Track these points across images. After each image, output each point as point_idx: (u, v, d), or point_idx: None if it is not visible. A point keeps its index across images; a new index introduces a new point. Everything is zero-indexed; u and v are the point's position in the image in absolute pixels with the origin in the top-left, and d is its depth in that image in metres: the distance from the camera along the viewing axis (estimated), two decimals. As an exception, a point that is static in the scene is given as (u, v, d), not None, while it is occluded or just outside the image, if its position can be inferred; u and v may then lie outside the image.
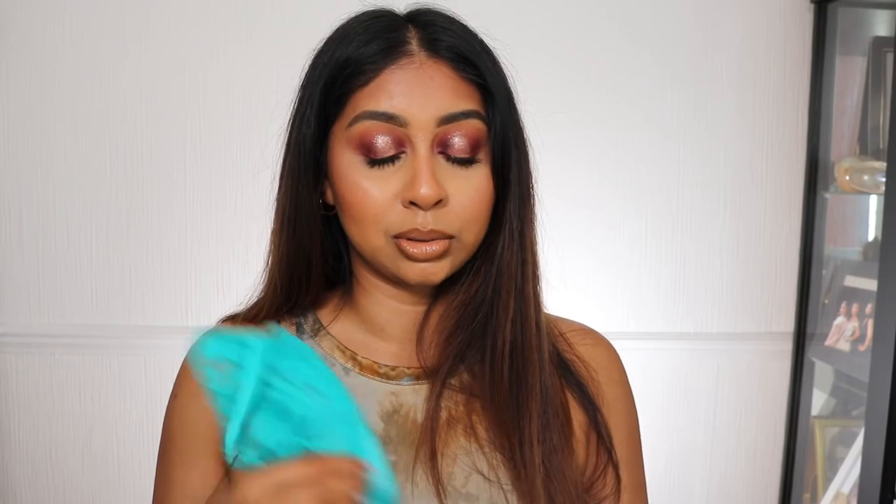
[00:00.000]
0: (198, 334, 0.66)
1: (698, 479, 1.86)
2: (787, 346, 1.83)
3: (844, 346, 1.66)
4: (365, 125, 0.66)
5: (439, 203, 0.66)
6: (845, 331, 1.68)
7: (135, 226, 1.74)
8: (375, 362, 0.74)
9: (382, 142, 0.66)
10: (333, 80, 0.68)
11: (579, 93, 1.76)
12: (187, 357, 0.77)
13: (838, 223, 1.88)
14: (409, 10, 0.71)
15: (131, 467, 1.76)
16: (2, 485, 1.78)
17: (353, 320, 0.76)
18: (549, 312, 0.78)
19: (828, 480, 1.73)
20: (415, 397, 0.72)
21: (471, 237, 0.69)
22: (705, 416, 1.85)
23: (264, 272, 0.75)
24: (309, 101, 0.70)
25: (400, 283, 0.71)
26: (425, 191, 0.64)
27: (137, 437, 1.76)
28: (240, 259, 1.73)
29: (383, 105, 0.65)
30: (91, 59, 1.70)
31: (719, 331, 1.84)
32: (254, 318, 0.75)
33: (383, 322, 0.75)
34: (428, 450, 0.69)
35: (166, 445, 0.75)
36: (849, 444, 1.69)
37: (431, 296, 0.74)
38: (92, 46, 1.70)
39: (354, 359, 0.74)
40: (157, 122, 1.72)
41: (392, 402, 0.72)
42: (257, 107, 1.72)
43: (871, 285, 1.58)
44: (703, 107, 1.79)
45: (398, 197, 0.66)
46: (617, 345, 0.82)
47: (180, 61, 1.71)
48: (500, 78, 0.70)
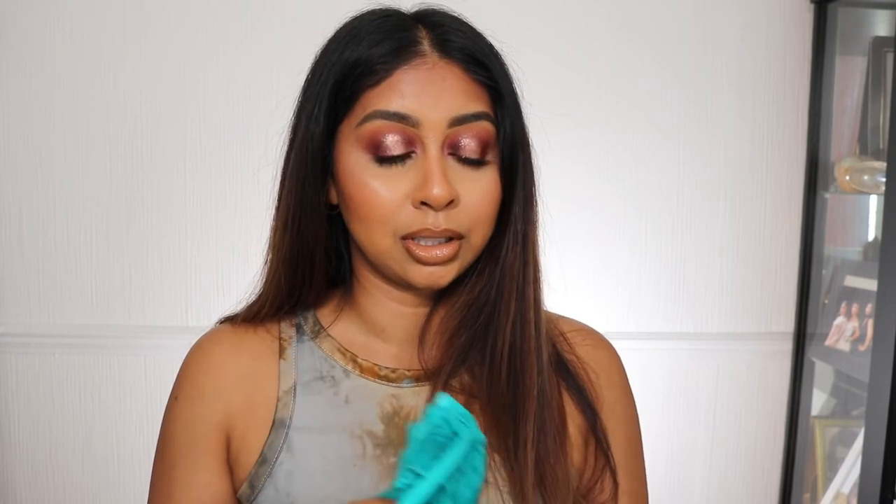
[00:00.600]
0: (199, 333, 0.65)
1: (698, 479, 1.86)
2: (787, 346, 1.83)
3: (844, 346, 1.66)
4: (376, 124, 0.65)
5: (451, 204, 0.66)
6: (845, 331, 1.68)
7: (135, 226, 1.74)
8: (376, 364, 0.74)
9: (393, 141, 0.65)
10: (344, 79, 0.67)
11: (579, 93, 1.76)
12: (186, 358, 0.77)
13: (838, 223, 1.88)
14: (416, 9, 0.71)
15: (131, 467, 1.77)
16: (2, 485, 1.78)
17: (353, 321, 0.75)
18: (550, 311, 0.78)
19: (828, 480, 1.73)
20: (415, 399, 0.72)
21: (478, 238, 0.69)
22: (705, 416, 1.85)
23: (264, 269, 0.75)
24: (317, 100, 0.69)
25: (403, 285, 0.71)
26: (438, 191, 0.64)
27: (137, 437, 1.76)
28: (240, 259, 1.73)
29: (395, 105, 0.65)
30: (91, 59, 1.70)
31: (719, 331, 1.84)
32: (254, 318, 0.75)
33: (384, 324, 0.74)
34: None
35: (167, 447, 0.74)
36: (849, 444, 1.69)
37: (433, 298, 0.74)
38: (92, 46, 1.70)
39: (355, 361, 0.74)
40: (157, 122, 1.72)
41: (392, 405, 0.72)
42: (257, 107, 1.72)
43: (871, 285, 1.58)
44: (703, 107, 1.79)
45: (408, 197, 0.66)
46: (617, 345, 0.82)
47: (180, 61, 1.71)
48: (509, 80, 0.70)
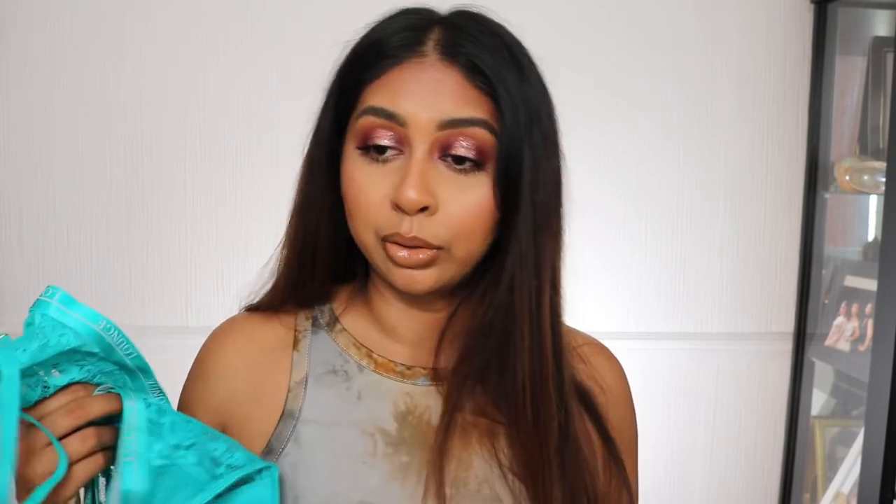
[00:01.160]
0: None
1: (698, 479, 1.86)
2: (787, 346, 1.83)
3: (844, 346, 1.66)
4: (367, 120, 0.65)
5: (426, 210, 0.64)
6: (845, 331, 1.68)
7: (135, 226, 1.74)
8: (391, 361, 0.73)
9: (381, 139, 0.65)
10: (348, 72, 0.68)
11: (579, 93, 1.76)
12: (204, 343, 0.77)
13: (838, 223, 1.88)
14: (450, 10, 0.70)
15: (131, 467, 1.77)
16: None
17: (366, 318, 0.75)
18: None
19: (828, 480, 1.73)
20: (428, 399, 0.71)
21: (461, 250, 0.66)
22: (705, 416, 1.85)
23: (277, 262, 0.75)
24: (331, 92, 0.70)
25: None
26: (410, 194, 0.63)
27: (137, 437, 1.76)
28: (240, 259, 1.73)
29: (385, 102, 0.65)
30: (91, 59, 1.70)
31: (719, 331, 1.84)
32: (267, 308, 0.76)
33: (394, 323, 0.74)
34: (437, 454, 0.68)
35: None
36: (849, 444, 1.69)
37: (444, 300, 0.73)
38: (92, 46, 1.70)
39: (370, 356, 0.73)
40: (157, 122, 1.72)
41: (406, 403, 0.71)
42: (257, 107, 1.72)
43: (871, 285, 1.58)
44: (703, 107, 1.79)
45: (387, 198, 0.65)
46: (617, 345, 0.82)
47: (180, 61, 1.71)
48: (522, 94, 0.66)
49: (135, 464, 0.59)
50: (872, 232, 1.85)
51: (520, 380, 0.68)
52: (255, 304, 0.77)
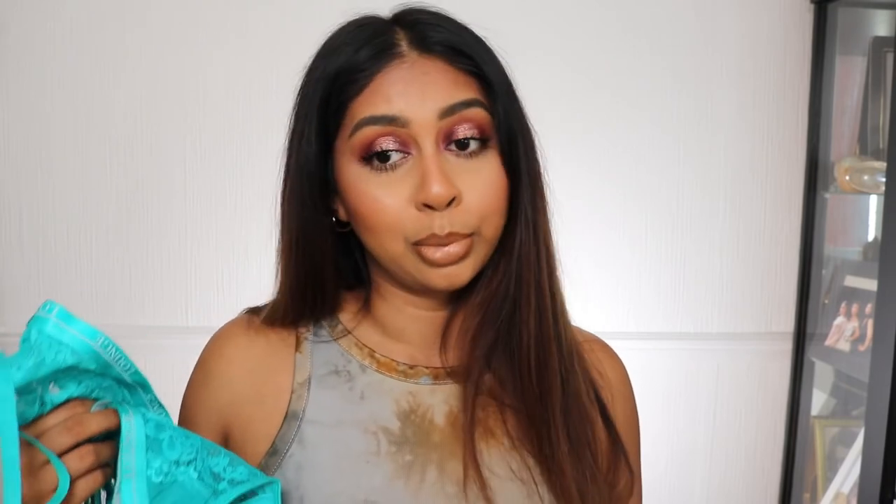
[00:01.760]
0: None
1: (698, 479, 1.86)
2: (787, 346, 1.83)
3: (844, 346, 1.66)
4: (366, 132, 0.64)
5: (453, 202, 0.64)
6: (845, 331, 1.68)
7: (135, 226, 1.74)
8: (393, 360, 0.73)
9: (386, 146, 0.64)
10: (329, 94, 0.66)
11: (579, 92, 1.76)
12: (205, 345, 0.77)
13: (838, 223, 1.88)
14: (394, 12, 0.70)
15: (131, 467, 1.77)
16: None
17: (371, 325, 0.75)
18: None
19: (828, 480, 1.73)
20: (432, 398, 0.72)
21: (490, 229, 0.67)
22: (705, 416, 1.85)
23: (277, 279, 0.74)
24: (307, 119, 0.68)
25: (421, 289, 0.70)
26: (437, 189, 0.63)
27: (137, 437, 1.76)
28: (240, 259, 1.73)
29: (382, 108, 0.64)
30: (91, 59, 1.70)
31: (719, 331, 1.84)
32: (272, 322, 0.75)
33: (401, 327, 0.74)
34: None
35: (178, 421, 0.77)
36: (849, 444, 1.69)
37: (450, 300, 0.73)
38: (92, 46, 1.70)
39: (372, 356, 0.73)
40: (157, 122, 1.72)
41: (409, 402, 0.71)
42: (257, 107, 1.72)
43: (871, 285, 1.58)
44: (703, 107, 1.79)
45: (411, 201, 0.64)
46: (617, 345, 0.83)
47: (180, 61, 1.71)
48: (497, 66, 0.68)
49: (133, 481, 0.59)
50: (872, 232, 1.85)
51: (525, 342, 0.70)
52: (257, 309, 0.77)
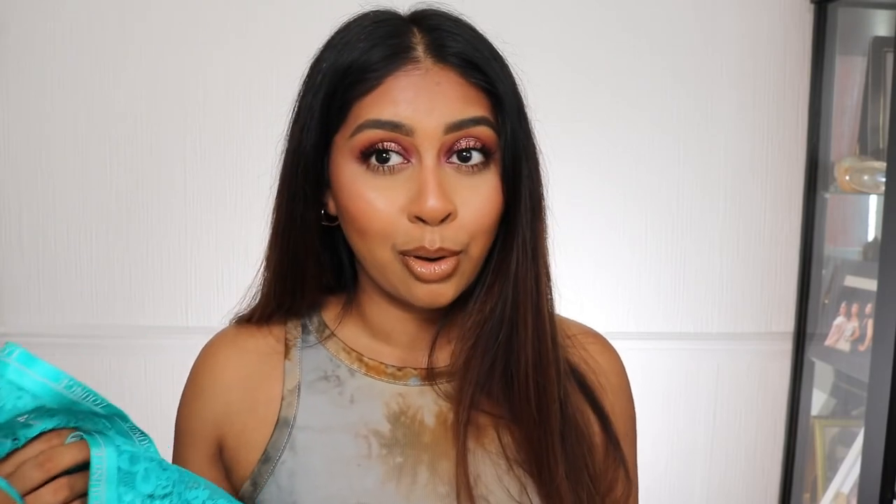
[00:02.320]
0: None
1: (698, 479, 1.86)
2: (787, 346, 1.83)
3: (844, 346, 1.66)
4: (368, 134, 0.63)
5: (447, 218, 0.63)
6: (845, 331, 1.68)
7: (135, 226, 1.74)
8: (382, 363, 0.73)
9: (387, 151, 0.63)
10: (335, 89, 0.65)
11: (579, 92, 1.76)
12: (196, 358, 0.77)
13: (838, 223, 1.88)
14: (413, 10, 0.68)
15: (131, 467, 1.76)
16: (2, 485, 1.78)
17: (358, 325, 0.75)
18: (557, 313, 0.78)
19: (828, 480, 1.73)
20: (422, 398, 0.72)
21: (477, 249, 0.66)
22: (705, 416, 1.85)
23: (261, 277, 0.75)
24: (309, 111, 0.67)
25: (404, 301, 0.69)
26: (433, 204, 0.62)
27: (137, 437, 1.76)
28: (240, 259, 1.73)
29: (388, 113, 0.63)
30: (91, 59, 1.70)
31: (719, 331, 1.84)
32: (258, 321, 0.75)
33: (389, 329, 0.74)
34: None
35: (175, 436, 0.77)
36: (849, 444, 1.69)
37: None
38: (92, 46, 1.70)
39: (360, 360, 0.73)
40: (157, 122, 1.72)
41: (399, 404, 0.71)
42: (257, 107, 1.72)
43: (871, 285, 1.58)
44: (703, 107, 1.79)
45: (404, 210, 0.63)
46: (617, 345, 0.82)
47: (180, 61, 1.71)
48: (510, 84, 0.67)
49: None
50: (872, 232, 1.85)
51: (523, 368, 0.69)
52: (245, 316, 0.77)
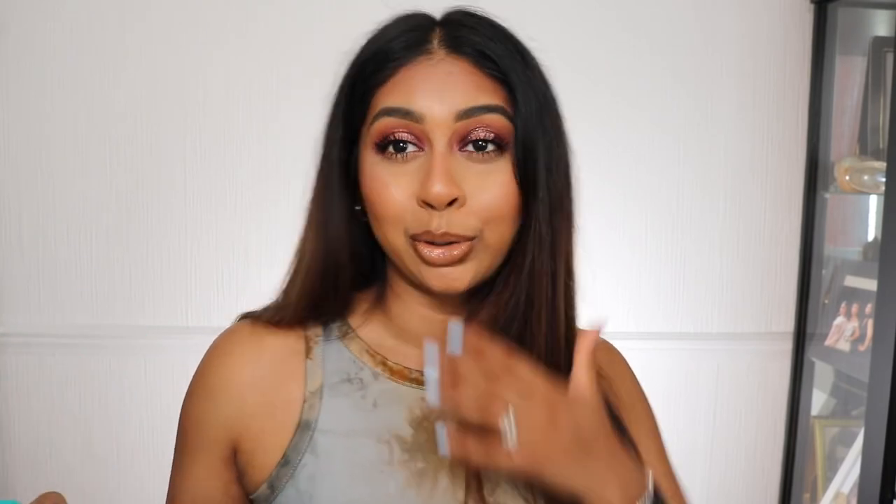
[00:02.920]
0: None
1: (698, 479, 1.86)
2: (787, 346, 1.83)
3: (844, 346, 1.66)
4: (383, 122, 0.66)
5: (455, 203, 0.64)
6: (845, 331, 1.68)
7: (135, 226, 1.74)
8: (406, 367, 0.73)
9: (400, 139, 0.65)
10: (356, 81, 0.68)
11: (579, 92, 1.76)
12: (205, 356, 0.76)
13: (838, 223, 1.88)
14: (445, 11, 0.71)
15: (131, 467, 1.77)
16: (2, 485, 1.78)
17: (383, 325, 0.75)
18: None
19: (828, 480, 1.73)
20: None
21: (494, 236, 0.67)
22: (705, 416, 1.85)
23: (289, 275, 0.73)
24: (338, 105, 0.70)
25: (425, 289, 0.70)
26: (438, 189, 0.63)
27: (137, 437, 1.76)
28: (240, 259, 1.73)
29: (400, 101, 0.65)
30: (91, 59, 1.70)
31: (719, 331, 1.84)
32: (278, 322, 0.73)
33: (414, 330, 0.73)
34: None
35: (178, 439, 0.76)
36: (849, 444, 1.69)
37: (464, 307, 0.72)
38: (92, 46, 1.70)
39: (384, 364, 0.73)
40: (157, 122, 1.72)
41: (422, 409, 0.71)
42: (257, 107, 1.72)
43: (871, 285, 1.58)
44: (703, 107, 1.79)
45: (414, 196, 0.65)
46: (617, 345, 0.83)
47: (180, 61, 1.71)
48: (529, 77, 0.68)
49: None
50: (872, 232, 1.85)
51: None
52: (256, 314, 0.75)
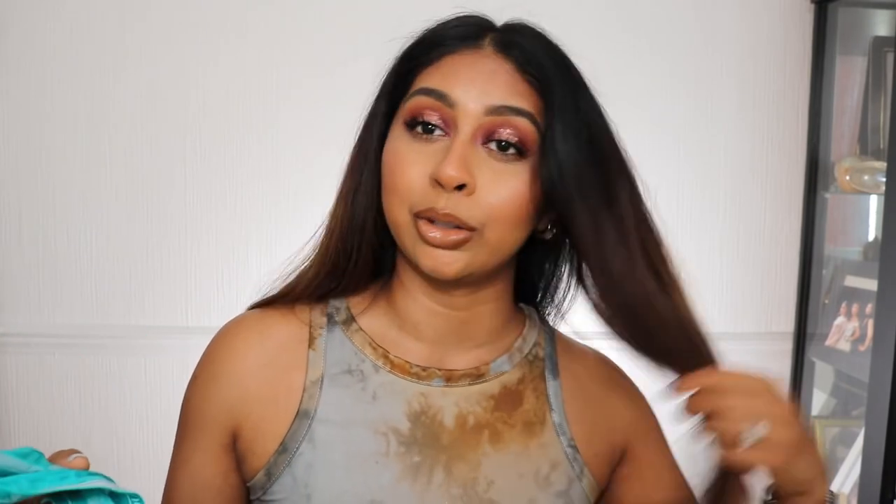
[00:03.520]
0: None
1: (699, 480, 1.86)
2: (788, 346, 1.83)
3: (844, 346, 1.66)
4: (417, 101, 0.67)
5: (464, 189, 0.65)
6: (845, 331, 1.67)
7: (135, 226, 1.74)
8: (407, 361, 0.73)
9: (428, 118, 0.66)
10: (405, 60, 0.70)
11: (579, 93, 1.76)
12: (212, 341, 0.76)
13: (838, 223, 1.88)
14: (505, 21, 0.73)
15: (131, 467, 1.76)
16: (2, 485, 1.78)
17: (386, 315, 0.75)
18: (557, 331, 0.80)
19: (828, 480, 1.73)
20: (443, 399, 0.72)
21: (495, 235, 0.67)
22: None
23: (316, 240, 0.75)
24: (387, 80, 0.72)
25: (421, 273, 0.70)
26: (449, 171, 0.64)
27: (137, 437, 1.75)
28: (240, 259, 1.73)
29: (438, 83, 0.67)
30: (91, 59, 1.70)
31: (719, 331, 1.82)
32: (290, 294, 0.74)
33: (417, 321, 0.73)
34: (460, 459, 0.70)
35: (180, 423, 0.76)
36: (849, 444, 1.69)
37: (468, 299, 0.73)
38: (92, 46, 1.70)
39: (386, 357, 0.73)
40: (158, 121, 1.72)
41: (420, 403, 0.71)
42: (257, 107, 1.72)
43: (871, 285, 1.58)
44: (703, 107, 1.79)
45: (427, 175, 0.66)
46: (617, 345, 0.82)
47: (180, 61, 1.71)
48: (569, 91, 0.69)
49: None
50: (872, 232, 1.85)
51: None
52: (269, 299, 0.76)
